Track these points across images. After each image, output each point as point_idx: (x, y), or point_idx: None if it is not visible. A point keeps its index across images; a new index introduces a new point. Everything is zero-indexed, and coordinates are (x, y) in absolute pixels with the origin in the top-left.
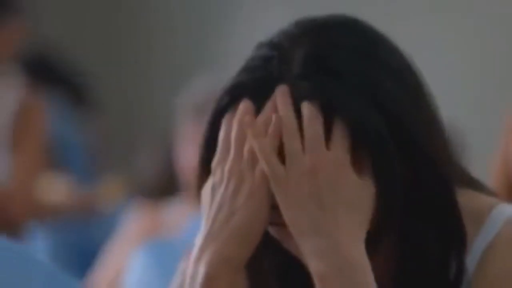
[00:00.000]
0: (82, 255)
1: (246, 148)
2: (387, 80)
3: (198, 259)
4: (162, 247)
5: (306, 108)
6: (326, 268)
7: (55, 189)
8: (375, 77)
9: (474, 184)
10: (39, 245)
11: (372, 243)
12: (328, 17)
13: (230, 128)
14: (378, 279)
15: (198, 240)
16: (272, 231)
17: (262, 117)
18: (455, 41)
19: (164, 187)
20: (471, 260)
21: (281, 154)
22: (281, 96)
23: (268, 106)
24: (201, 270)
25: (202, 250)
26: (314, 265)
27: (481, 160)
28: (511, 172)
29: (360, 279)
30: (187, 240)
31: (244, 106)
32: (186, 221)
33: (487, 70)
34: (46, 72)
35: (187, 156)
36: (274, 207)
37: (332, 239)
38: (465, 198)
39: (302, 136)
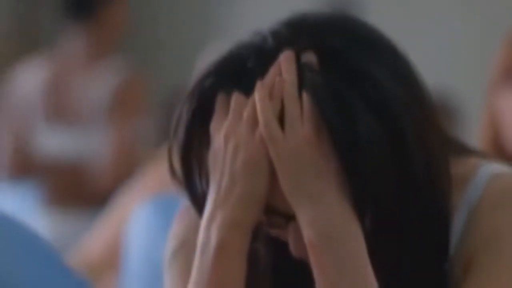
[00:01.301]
0: None
1: (245, 112)
2: (382, 80)
3: (209, 225)
4: (168, 203)
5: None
6: (317, 236)
7: None
8: (369, 77)
9: (470, 153)
10: None
11: (368, 242)
12: (320, 16)
13: (230, 97)
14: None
15: (208, 206)
16: (273, 233)
17: (266, 80)
18: (455, 10)
19: None
20: (460, 216)
21: (282, 120)
22: (285, 61)
23: (272, 71)
24: (213, 235)
25: (212, 216)
26: (306, 234)
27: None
28: (498, 129)
29: (350, 248)
30: None
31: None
32: None
33: (488, 41)
34: None
35: None
36: (270, 210)
37: (325, 208)
38: (457, 165)
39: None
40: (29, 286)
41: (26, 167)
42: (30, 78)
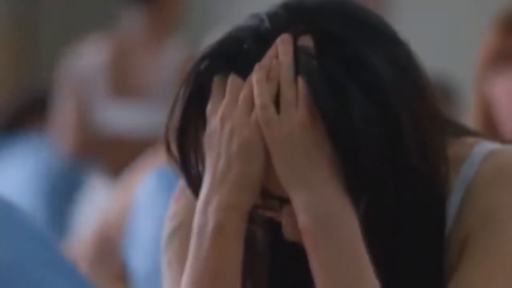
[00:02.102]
0: None
1: (242, 95)
2: (379, 65)
3: (205, 207)
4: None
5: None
6: (311, 221)
7: None
8: (366, 63)
9: (468, 134)
10: None
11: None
12: (318, 1)
13: (227, 79)
14: None
15: (204, 189)
16: (268, 215)
17: (264, 62)
18: None
19: None
20: (456, 196)
21: (278, 103)
22: (282, 44)
23: (269, 53)
24: (211, 218)
25: (208, 199)
26: (300, 218)
27: None
28: (490, 112)
29: (345, 233)
30: None
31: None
32: None
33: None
34: None
35: None
36: (265, 193)
37: (319, 193)
38: (454, 146)
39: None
40: (17, 267)
41: (89, 143)
42: (93, 56)
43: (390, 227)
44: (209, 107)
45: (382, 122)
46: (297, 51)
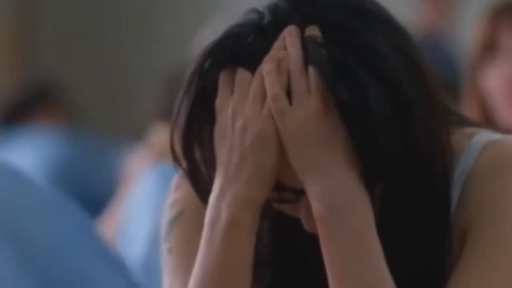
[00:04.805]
0: None
1: (252, 87)
2: (385, 52)
3: (219, 203)
4: (171, 171)
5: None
6: (325, 210)
7: None
8: (372, 49)
9: (469, 124)
10: None
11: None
12: None
13: (232, 74)
14: None
15: (216, 185)
16: (282, 208)
17: (272, 54)
18: None
19: None
20: (456, 185)
21: (289, 94)
22: (289, 36)
23: (277, 45)
24: (224, 212)
25: (221, 194)
26: (315, 207)
27: None
28: (485, 103)
29: (359, 221)
30: None
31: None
32: None
33: None
34: None
35: None
36: (280, 187)
37: (334, 181)
38: (455, 135)
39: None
40: (54, 243)
41: None
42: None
43: (402, 213)
44: (217, 103)
45: (394, 107)
46: (305, 42)
